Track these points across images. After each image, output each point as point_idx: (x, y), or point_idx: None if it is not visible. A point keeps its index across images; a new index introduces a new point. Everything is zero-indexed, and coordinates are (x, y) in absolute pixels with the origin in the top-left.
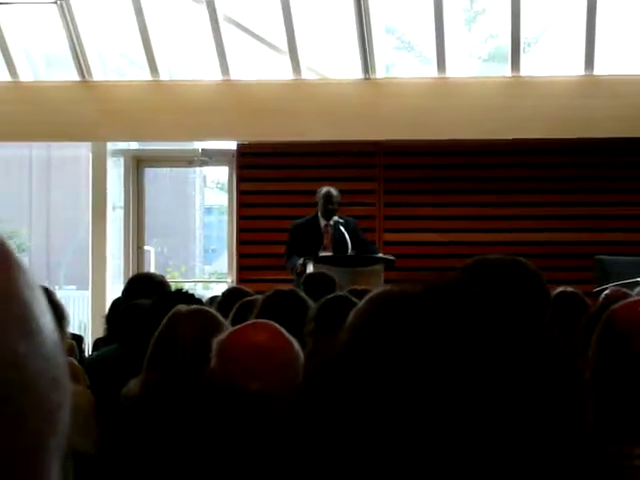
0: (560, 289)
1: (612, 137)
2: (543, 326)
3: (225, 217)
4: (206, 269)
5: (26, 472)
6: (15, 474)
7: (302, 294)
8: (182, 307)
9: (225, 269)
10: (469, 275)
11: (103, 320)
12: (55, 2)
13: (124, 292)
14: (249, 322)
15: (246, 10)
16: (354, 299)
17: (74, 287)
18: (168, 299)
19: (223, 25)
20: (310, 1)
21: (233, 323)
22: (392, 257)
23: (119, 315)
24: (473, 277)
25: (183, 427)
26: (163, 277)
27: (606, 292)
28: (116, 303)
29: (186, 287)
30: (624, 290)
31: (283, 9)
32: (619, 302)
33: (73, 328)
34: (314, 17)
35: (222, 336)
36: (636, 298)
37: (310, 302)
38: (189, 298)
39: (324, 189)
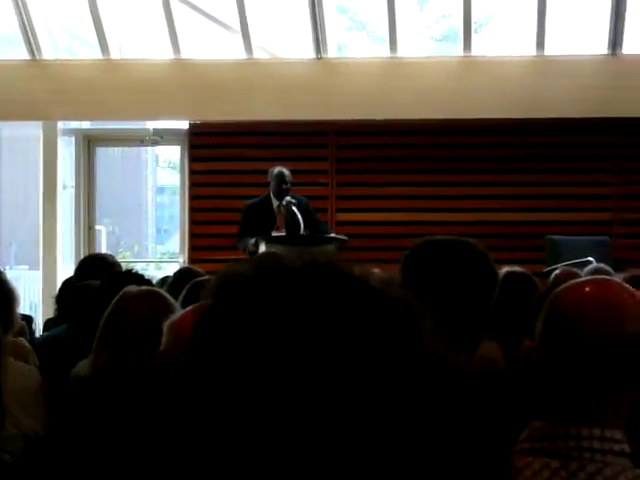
0: (508, 269)
1: (563, 117)
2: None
3: (177, 197)
4: (158, 249)
5: None
6: None
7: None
8: (132, 288)
9: (177, 249)
10: (414, 258)
11: (53, 300)
12: None
13: (75, 272)
14: (199, 304)
15: None
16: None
17: (26, 267)
18: (118, 280)
19: (174, 3)
20: None
21: (184, 304)
22: (345, 237)
23: (69, 295)
24: (422, 257)
25: (132, 408)
26: (114, 258)
27: (556, 272)
28: (66, 283)
29: (138, 267)
30: (574, 270)
31: None
32: (564, 284)
33: (24, 308)
34: None
35: (173, 318)
36: (580, 279)
37: None
38: (139, 279)
39: (276, 169)
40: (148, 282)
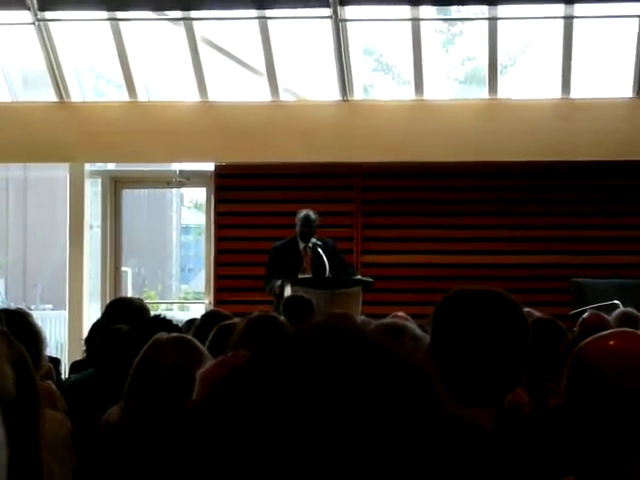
0: (537, 316)
1: (589, 160)
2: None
3: (202, 237)
4: (183, 288)
5: None
6: None
7: (282, 319)
8: (162, 335)
9: (202, 289)
10: (447, 308)
11: (80, 341)
12: (33, 23)
13: (103, 316)
14: (229, 354)
15: (224, 32)
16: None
17: (50, 306)
18: (147, 325)
19: (201, 47)
20: (288, 23)
21: (211, 346)
22: (370, 279)
23: (98, 339)
24: (454, 308)
25: (162, 456)
26: (142, 302)
27: (583, 317)
28: (95, 326)
29: (162, 307)
30: (602, 315)
31: (261, 31)
32: (591, 336)
33: (50, 348)
34: (292, 39)
35: (205, 368)
36: (605, 332)
37: (290, 327)
38: (167, 325)
39: (303, 212)
40: (176, 328)
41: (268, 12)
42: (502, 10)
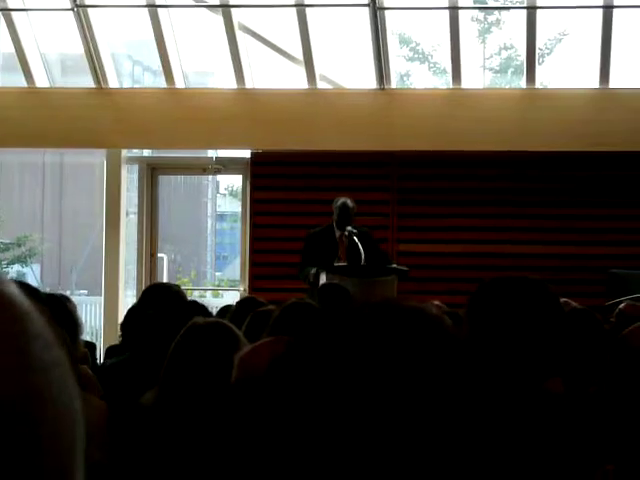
0: (572, 306)
1: (627, 150)
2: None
3: (237, 224)
4: (217, 276)
5: None
6: None
7: (317, 307)
8: (199, 319)
9: (236, 276)
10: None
11: (115, 327)
12: (72, 9)
13: (140, 301)
14: (268, 338)
15: (262, 19)
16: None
17: (85, 292)
18: (182, 310)
19: (239, 34)
20: (326, 10)
21: (247, 333)
22: (406, 268)
23: (134, 324)
24: (490, 296)
25: (199, 439)
26: (179, 287)
27: (620, 307)
28: (131, 311)
29: (196, 294)
30: (638, 305)
31: (299, 18)
32: (628, 326)
33: (85, 334)
34: (330, 26)
35: (243, 352)
36: None
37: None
38: (203, 311)
39: (340, 200)
40: (211, 315)
41: (306, 0)
42: None
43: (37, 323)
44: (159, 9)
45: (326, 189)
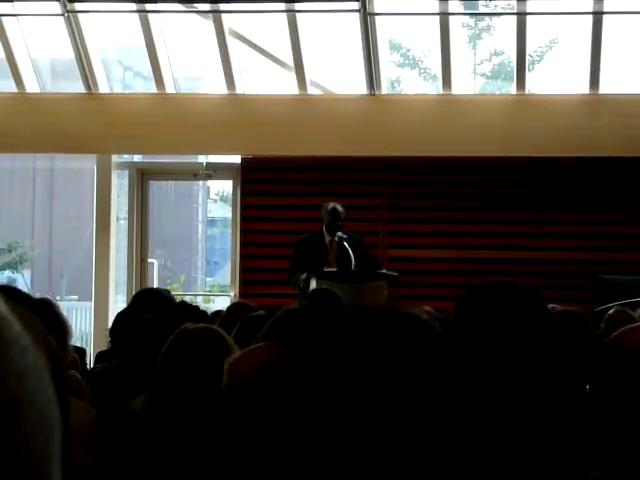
0: (561, 309)
1: (616, 156)
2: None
3: (228, 230)
4: (208, 281)
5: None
6: None
7: (312, 313)
8: (189, 325)
9: (226, 282)
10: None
11: (106, 332)
12: (62, 14)
13: (130, 306)
14: (260, 344)
15: (252, 25)
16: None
17: (76, 297)
18: (173, 314)
19: (229, 40)
20: (316, 16)
21: (237, 338)
22: (395, 273)
23: (123, 329)
24: (476, 300)
25: (188, 445)
26: (169, 292)
27: (609, 313)
28: (120, 316)
29: (187, 300)
30: (627, 311)
31: (289, 24)
32: (622, 327)
33: (75, 339)
34: (320, 32)
35: (233, 357)
36: (636, 324)
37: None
38: (194, 313)
39: (330, 205)
40: (203, 314)
41: (297, 5)
42: (531, 5)
43: (13, 328)
44: (150, 15)
45: (316, 194)
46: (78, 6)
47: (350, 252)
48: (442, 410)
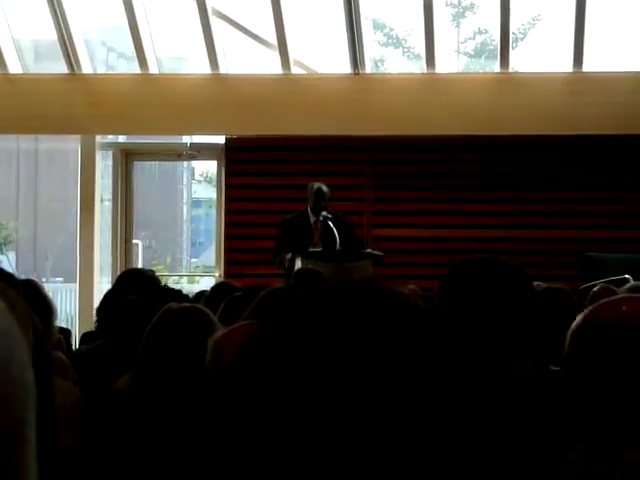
0: (547, 286)
1: (600, 134)
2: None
3: (213, 210)
4: (192, 262)
5: (6, 458)
6: None
7: (298, 292)
8: (173, 304)
9: (212, 262)
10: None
11: (91, 314)
12: None
13: (114, 286)
14: (244, 322)
15: (235, 4)
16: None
17: (61, 279)
18: (157, 295)
19: (212, 19)
20: None
21: (221, 318)
22: (380, 253)
23: (108, 309)
24: (461, 276)
25: (173, 424)
26: (154, 273)
27: (594, 290)
28: (107, 297)
29: (172, 280)
30: (612, 287)
31: (273, 3)
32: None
33: (60, 321)
34: (303, 12)
35: (216, 336)
36: (617, 296)
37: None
38: (177, 295)
39: (315, 185)
40: (186, 298)
41: None
42: None
43: None
44: None
45: (301, 174)
46: None
47: (335, 232)
48: (423, 382)
